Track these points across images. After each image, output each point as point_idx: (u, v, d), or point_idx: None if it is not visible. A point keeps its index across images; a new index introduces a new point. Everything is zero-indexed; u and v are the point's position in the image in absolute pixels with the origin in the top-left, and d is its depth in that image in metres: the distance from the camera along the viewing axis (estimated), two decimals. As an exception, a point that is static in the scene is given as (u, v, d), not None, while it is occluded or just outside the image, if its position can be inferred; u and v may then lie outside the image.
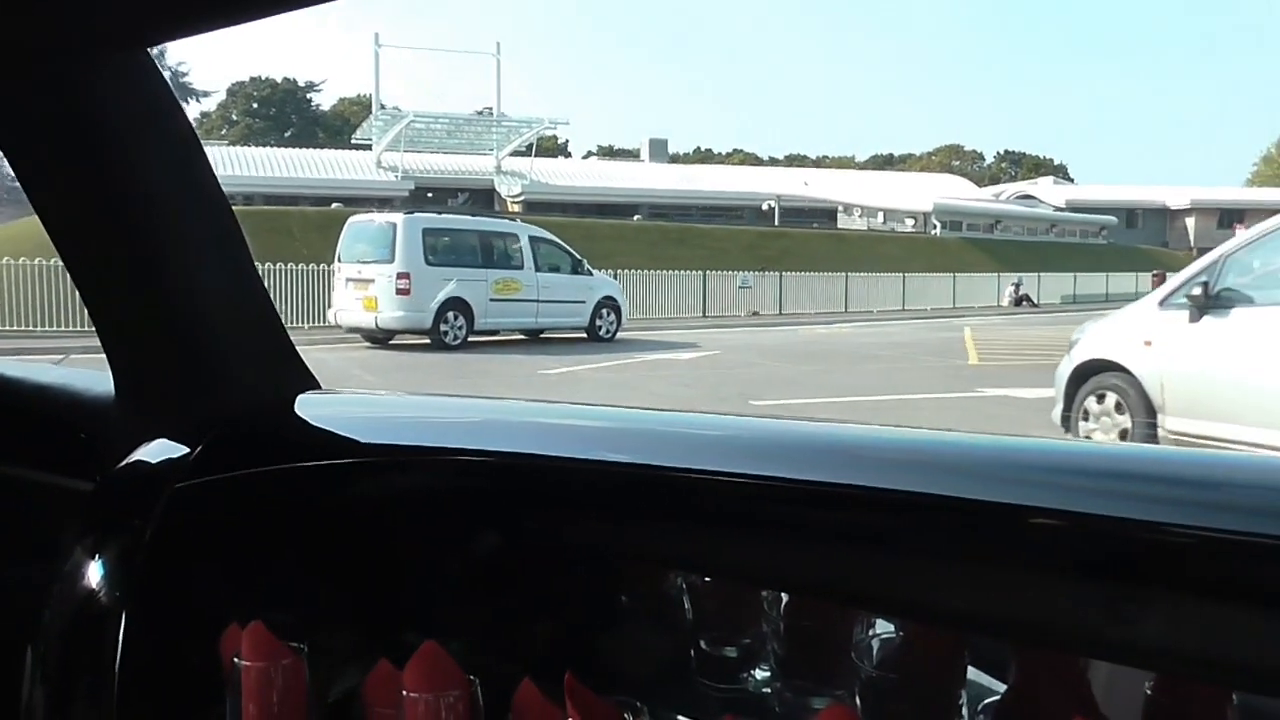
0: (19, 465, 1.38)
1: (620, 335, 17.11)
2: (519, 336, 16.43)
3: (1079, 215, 47.47)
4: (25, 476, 1.37)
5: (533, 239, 16.41)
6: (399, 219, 15.09)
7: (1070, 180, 66.53)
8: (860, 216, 45.69)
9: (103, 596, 1.02)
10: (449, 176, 41.58)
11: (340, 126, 59.12)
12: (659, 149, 55.51)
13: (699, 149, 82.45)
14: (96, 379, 1.35)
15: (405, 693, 0.84)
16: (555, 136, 59.30)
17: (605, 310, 17.04)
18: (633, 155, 61.25)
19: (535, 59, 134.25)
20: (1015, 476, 0.74)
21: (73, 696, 1.03)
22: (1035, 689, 0.76)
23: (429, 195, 38.59)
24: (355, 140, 43.58)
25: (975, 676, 0.83)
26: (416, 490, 1.04)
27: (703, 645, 0.99)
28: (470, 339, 15.15)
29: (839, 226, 43.97)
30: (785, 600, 0.94)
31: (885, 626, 0.88)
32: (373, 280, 14.60)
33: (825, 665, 0.89)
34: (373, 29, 41.30)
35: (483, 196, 40.92)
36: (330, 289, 16.01)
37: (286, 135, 60.18)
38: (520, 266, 16.04)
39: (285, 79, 67.34)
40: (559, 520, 0.94)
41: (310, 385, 1.29)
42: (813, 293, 27.24)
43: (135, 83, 1.09)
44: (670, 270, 24.43)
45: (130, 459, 1.13)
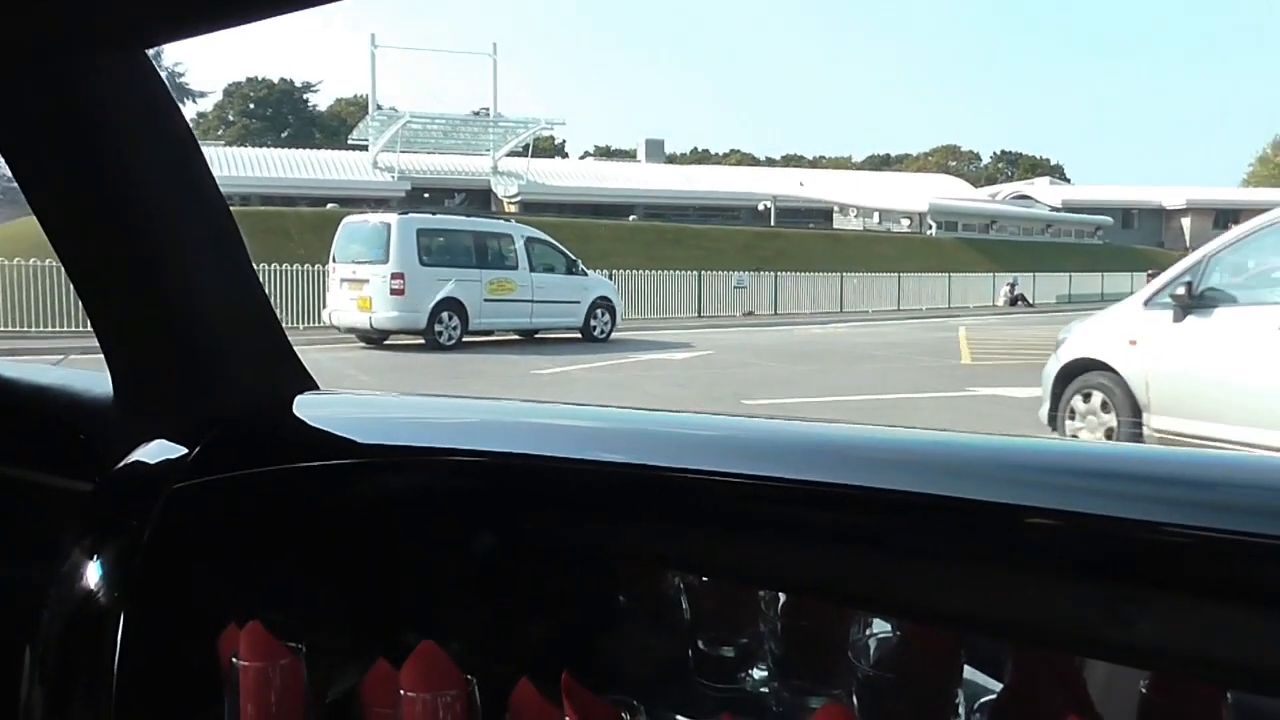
0: (18, 466, 1.38)
1: (615, 335, 17.12)
2: (513, 337, 16.45)
3: (1074, 215, 47.52)
4: (24, 477, 1.37)
5: (527, 239, 16.44)
6: (393, 219, 15.11)
7: (1067, 180, 66.57)
8: (856, 217, 45.69)
9: (101, 597, 1.02)
10: (446, 177, 41.55)
11: (337, 127, 59.05)
12: (655, 149, 55.51)
13: (696, 149, 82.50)
14: (95, 380, 1.35)
15: (403, 692, 0.84)
16: (552, 137, 59.28)
17: (599, 310, 17.06)
18: (629, 156, 61.17)
19: (532, 60, 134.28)
20: (1011, 476, 0.75)
21: (71, 697, 1.03)
22: (1031, 688, 0.76)
23: (425, 196, 38.54)
24: (352, 141, 43.53)
25: (971, 676, 0.84)
26: (414, 490, 1.04)
27: (700, 645, 1.00)
28: (465, 339, 15.17)
29: (835, 227, 43.98)
30: (782, 600, 0.94)
31: (882, 626, 0.88)
32: (367, 281, 14.62)
33: (822, 665, 0.89)
34: (369, 29, 41.29)
35: (479, 197, 40.88)
36: (325, 290, 16.02)
37: (283, 136, 60.11)
38: (514, 267, 16.06)
39: (282, 79, 67.29)
40: (556, 520, 0.94)
41: (308, 386, 1.30)
42: (808, 293, 27.26)
43: (133, 83, 1.09)
44: (666, 270, 24.44)
45: (128, 460, 1.13)
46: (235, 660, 0.91)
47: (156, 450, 1.13)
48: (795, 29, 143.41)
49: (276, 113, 65.67)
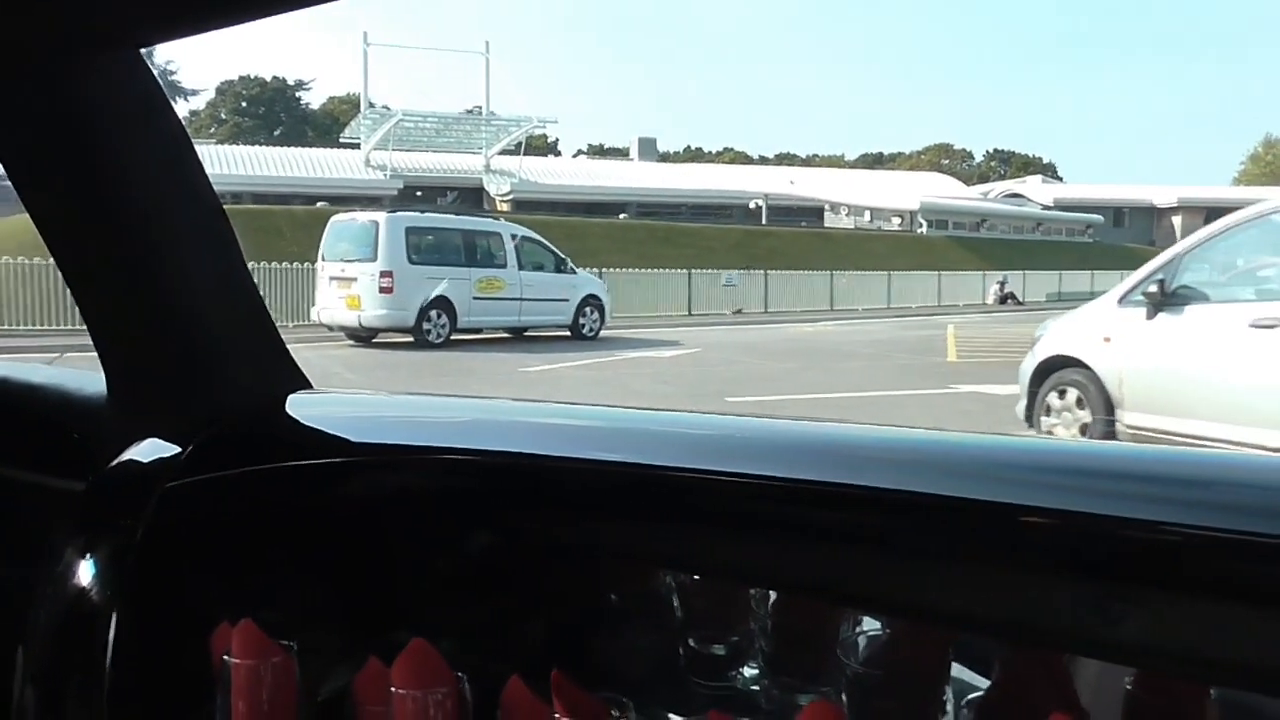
0: (11, 465, 1.38)
1: (604, 333, 17.18)
2: (503, 335, 16.48)
3: (1065, 214, 47.57)
4: (17, 477, 1.37)
5: (515, 237, 16.48)
6: (381, 218, 15.15)
7: (1059, 179, 66.66)
8: (847, 215, 45.73)
9: (94, 596, 1.02)
10: (438, 175, 41.50)
11: (329, 125, 59.00)
12: (648, 148, 55.54)
13: (689, 148, 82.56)
14: (88, 379, 1.35)
15: (394, 690, 0.84)
16: (545, 135, 59.22)
17: (589, 308, 17.12)
18: (623, 154, 61.22)
19: (525, 58, 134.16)
20: (1002, 475, 0.75)
21: (64, 696, 1.03)
22: (1018, 686, 0.76)
23: (418, 194, 38.51)
24: (344, 139, 43.45)
25: (959, 673, 0.85)
26: (407, 489, 1.04)
27: (691, 643, 1.00)
28: (454, 337, 15.21)
29: (826, 225, 44.04)
30: (773, 598, 0.95)
31: (872, 624, 0.89)
32: (356, 279, 14.65)
33: (812, 663, 0.90)
34: (362, 28, 41.23)
35: (472, 195, 40.85)
36: (314, 288, 16.04)
37: (275, 134, 59.99)
38: (503, 265, 16.11)
39: (274, 78, 67.23)
40: (548, 519, 0.94)
41: (302, 385, 1.29)
42: (798, 291, 27.29)
43: (126, 82, 1.09)
44: (656, 269, 24.49)
45: (121, 458, 1.13)
46: (227, 658, 0.92)
47: (149, 449, 1.13)
48: (789, 27, 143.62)
49: (269, 111, 65.57)
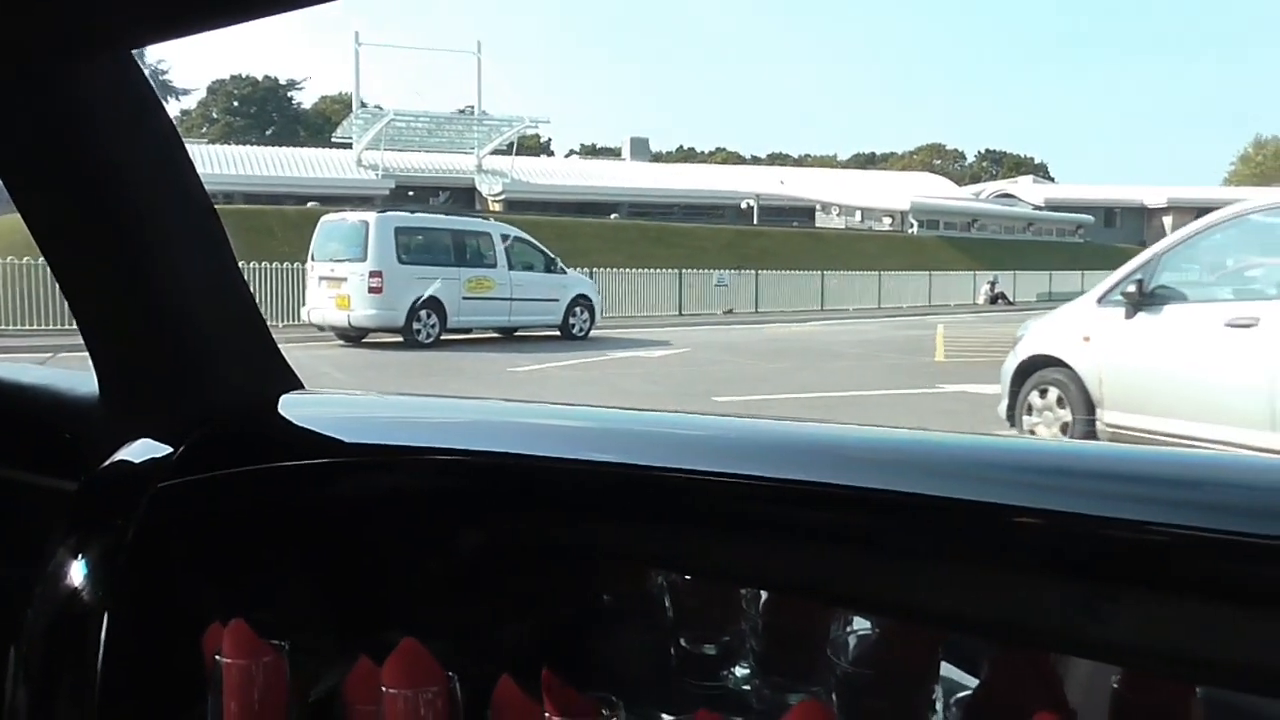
0: (3, 466, 1.38)
1: (594, 333, 17.20)
2: (492, 335, 16.50)
3: (1056, 214, 47.71)
4: (9, 477, 1.37)
5: (505, 237, 16.50)
6: (371, 218, 15.16)
7: (1050, 179, 66.82)
8: (838, 215, 45.83)
9: (85, 596, 1.02)
10: (430, 175, 41.49)
11: (321, 125, 58.89)
12: (640, 147, 55.59)
13: (682, 148, 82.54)
14: (81, 379, 1.35)
15: (384, 689, 0.85)
16: (538, 135, 59.23)
17: (579, 308, 17.15)
18: (615, 154, 61.26)
19: (517, 58, 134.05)
20: (989, 475, 0.76)
21: (55, 696, 1.03)
22: (1006, 685, 0.77)
23: (410, 194, 38.46)
24: (336, 139, 43.41)
25: (948, 672, 0.86)
26: (398, 490, 1.04)
27: (683, 643, 1.00)
28: (443, 337, 15.24)
29: (817, 225, 44.12)
30: (764, 598, 0.95)
31: (862, 624, 0.89)
32: (345, 279, 14.67)
33: (803, 662, 0.90)
34: (353, 27, 41.13)
35: (464, 195, 40.83)
36: (304, 288, 16.05)
37: (267, 133, 59.88)
38: (493, 265, 16.13)
39: (266, 77, 67.04)
40: (539, 519, 0.95)
41: (294, 385, 1.30)
42: (789, 291, 27.34)
43: (118, 82, 1.09)
44: (647, 269, 24.52)
45: (113, 459, 1.13)
46: (218, 658, 0.92)
47: (141, 449, 1.13)
48: (781, 27, 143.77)
49: (261, 110, 65.44)
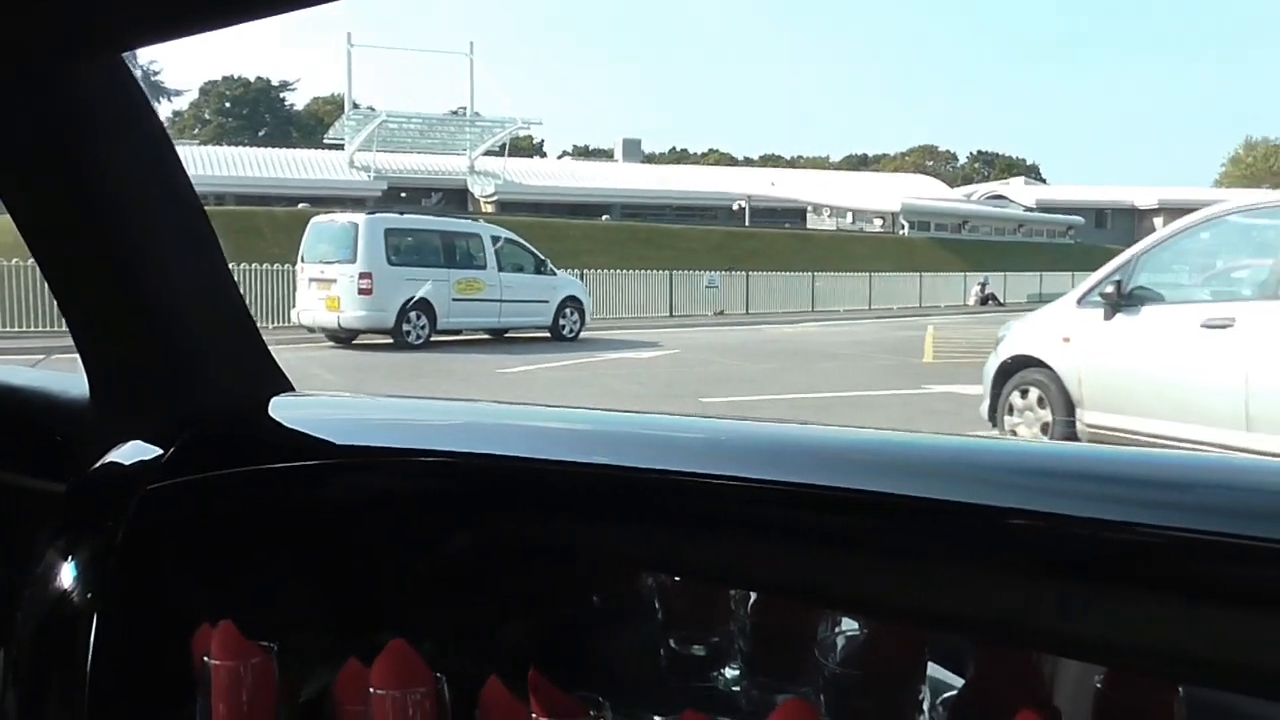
0: None
1: (585, 335, 17.24)
2: (483, 336, 16.54)
3: (1046, 215, 47.89)
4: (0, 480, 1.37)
5: (495, 239, 16.53)
6: (361, 219, 15.20)
7: (1042, 180, 67.02)
8: (829, 217, 45.94)
9: (75, 598, 1.02)
10: (422, 176, 41.52)
11: (314, 126, 58.85)
12: (632, 149, 55.65)
13: (674, 149, 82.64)
14: (72, 381, 1.35)
15: (372, 690, 0.85)
16: (530, 137, 59.23)
17: (569, 310, 17.18)
18: (608, 155, 61.30)
19: (510, 59, 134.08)
20: (977, 477, 0.76)
21: (45, 698, 1.03)
22: (991, 684, 0.77)
23: (402, 195, 38.56)
24: (328, 140, 43.46)
25: (936, 672, 0.86)
26: (389, 491, 1.04)
27: (672, 644, 1.01)
28: (433, 339, 15.26)
29: (808, 227, 44.21)
30: (752, 599, 0.96)
31: (849, 624, 0.89)
32: (335, 280, 14.69)
33: (791, 663, 0.91)
34: (346, 29, 41.16)
35: (456, 196, 40.88)
36: (294, 289, 16.06)
37: (260, 135, 59.86)
38: (483, 266, 16.15)
39: (258, 78, 67.01)
40: (529, 521, 0.95)
41: (284, 387, 1.30)
42: (780, 292, 27.40)
43: (109, 85, 1.09)
44: (638, 270, 24.57)
45: (103, 460, 1.13)
46: (206, 659, 0.93)
47: (131, 451, 1.13)
48: (775, 28, 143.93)
49: (253, 111, 65.38)
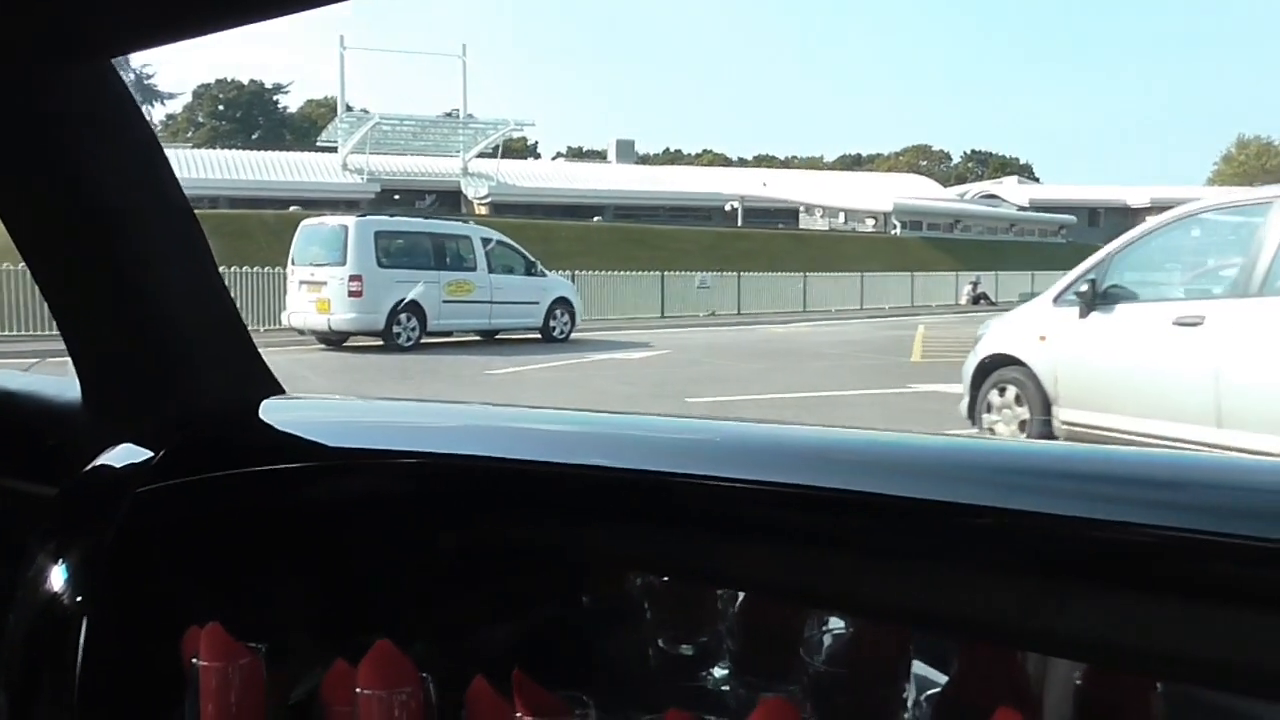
0: None
1: (575, 336, 17.26)
2: (474, 337, 16.57)
3: (1038, 214, 47.99)
4: None
5: (486, 241, 16.57)
6: (350, 222, 15.23)
7: (1035, 180, 67.16)
8: (822, 217, 46.03)
9: (65, 600, 1.03)
10: (416, 178, 41.53)
11: (308, 128, 58.82)
12: (625, 150, 55.71)
13: (668, 150, 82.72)
14: (64, 385, 1.36)
15: (359, 690, 0.85)
16: (524, 138, 59.39)
17: (559, 311, 17.21)
18: (602, 156, 61.36)
19: (504, 61, 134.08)
20: (963, 476, 0.77)
21: (35, 700, 1.04)
22: (973, 681, 0.78)
23: (395, 197, 38.56)
24: (321, 142, 43.47)
25: (920, 669, 0.87)
26: (378, 493, 1.05)
27: (660, 644, 1.02)
28: (424, 340, 15.29)
29: (801, 227, 44.27)
30: (740, 598, 0.97)
31: (836, 623, 0.90)
32: (325, 283, 14.71)
33: (779, 662, 0.91)
34: (339, 31, 41.17)
35: (449, 198, 40.87)
36: (284, 292, 16.09)
37: (253, 138, 59.87)
38: (473, 268, 16.18)
39: (252, 81, 66.98)
40: (518, 521, 0.96)
41: (275, 390, 1.31)
42: (772, 293, 27.42)
43: (97, 90, 1.10)
44: (629, 271, 24.60)
45: (94, 464, 1.14)
46: (195, 661, 0.93)
47: (122, 454, 1.14)
48: (768, 28, 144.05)
49: (246, 114, 65.34)
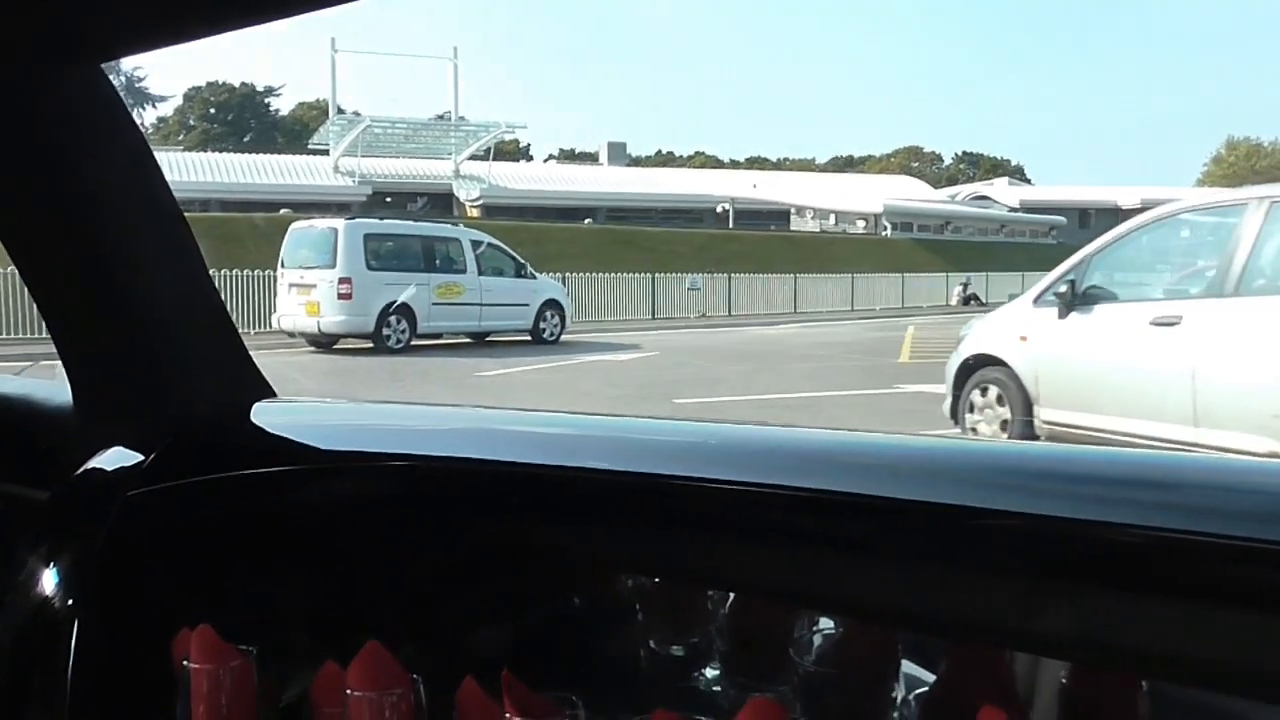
0: None
1: (566, 338, 17.32)
2: (464, 339, 16.60)
3: (1029, 216, 48.10)
4: None
5: (476, 243, 16.62)
6: (340, 225, 15.26)
7: (1027, 181, 67.29)
8: (813, 219, 46.11)
9: (57, 603, 1.03)
10: (407, 181, 41.45)
11: (299, 131, 58.68)
12: (617, 152, 55.75)
13: (660, 152, 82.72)
14: (55, 389, 1.36)
15: (349, 692, 0.86)
16: (516, 141, 59.29)
17: (549, 313, 17.26)
18: (594, 159, 61.38)
19: (496, 63, 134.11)
20: (951, 477, 0.78)
21: (26, 703, 1.04)
22: (960, 681, 0.79)
23: (387, 200, 38.51)
24: (312, 145, 43.38)
25: (908, 669, 0.88)
26: (368, 496, 1.05)
27: (651, 645, 1.02)
28: (414, 342, 15.33)
29: (792, 229, 44.35)
30: (730, 599, 0.98)
31: (825, 623, 0.91)
32: (315, 285, 14.75)
33: (768, 662, 0.92)
34: (330, 34, 41.17)
35: (441, 201, 40.82)
36: (275, 295, 16.10)
37: (245, 140, 59.74)
38: (463, 270, 16.22)
39: (243, 83, 66.73)
40: (508, 523, 0.96)
41: (266, 393, 1.31)
42: (763, 294, 27.49)
43: (88, 95, 1.10)
44: (620, 273, 24.63)
45: (85, 467, 1.14)
46: (186, 663, 0.93)
47: (113, 458, 1.14)
48: (761, 30, 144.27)
49: (238, 117, 65.17)
